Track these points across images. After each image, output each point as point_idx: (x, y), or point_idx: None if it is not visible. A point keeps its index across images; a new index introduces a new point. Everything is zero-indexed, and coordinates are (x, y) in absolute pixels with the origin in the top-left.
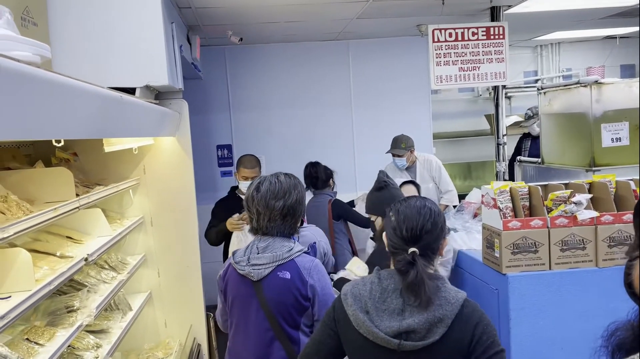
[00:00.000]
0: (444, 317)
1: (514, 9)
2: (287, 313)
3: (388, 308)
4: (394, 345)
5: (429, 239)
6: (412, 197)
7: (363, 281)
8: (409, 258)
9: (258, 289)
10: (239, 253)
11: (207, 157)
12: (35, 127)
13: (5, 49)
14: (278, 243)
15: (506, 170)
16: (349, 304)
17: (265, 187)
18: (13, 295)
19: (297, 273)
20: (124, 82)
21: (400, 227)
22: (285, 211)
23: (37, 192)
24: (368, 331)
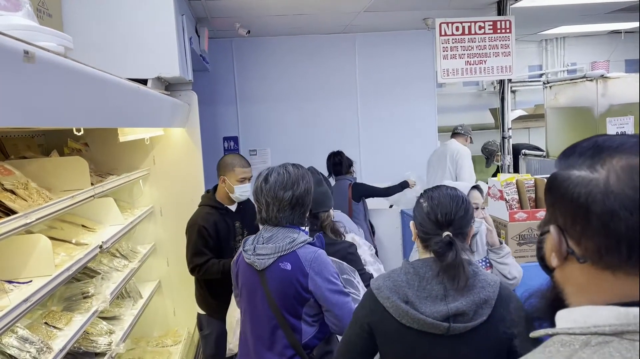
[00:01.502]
0: (488, 298)
1: (520, 3)
2: (289, 304)
3: (430, 295)
4: (444, 329)
5: (461, 223)
6: (441, 186)
7: (395, 273)
8: (446, 240)
9: (262, 278)
10: (249, 240)
11: (213, 148)
12: (61, 115)
13: (31, 39)
14: (282, 233)
15: (510, 163)
16: (385, 296)
17: (273, 178)
18: (34, 280)
19: (298, 265)
20: (136, 73)
21: (435, 212)
22: (294, 201)
23: (54, 181)
24: (413, 319)
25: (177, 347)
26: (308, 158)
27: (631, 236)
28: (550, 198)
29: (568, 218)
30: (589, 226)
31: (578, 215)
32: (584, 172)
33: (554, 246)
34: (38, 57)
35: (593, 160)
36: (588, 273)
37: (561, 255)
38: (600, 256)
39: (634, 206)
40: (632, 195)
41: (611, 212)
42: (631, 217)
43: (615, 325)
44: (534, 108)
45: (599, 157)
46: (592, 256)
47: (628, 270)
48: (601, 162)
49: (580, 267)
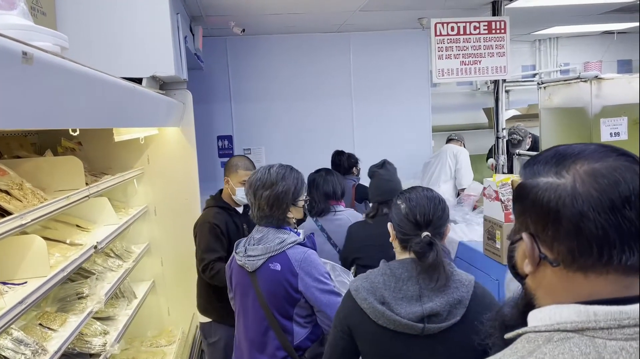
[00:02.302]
0: (462, 299)
1: (514, 3)
2: (280, 304)
3: (405, 296)
4: (418, 329)
5: (439, 223)
6: (417, 187)
7: (373, 275)
8: (426, 240)
9: (253, 279)
10: (241, 243)
11: (207, 147)
12: (59, 117)
13: (28, 39)
14: (272, 234)
15: (505, 163)
16: (362, 298)
17: (256, 177)
18: (29, 281)
19: (287, 265)
20: (130, 72)
21: (414, 212)
22: (272, 201)
23: (48, 180)
24: (389, 320)
25: (171, 347)
26: (302, 156)
27: (601, 235)
28: (520, 207)
29: (539, 224)
30: (560, 230)
31: (549, 219)
32: (551, 179)
33: (527, 252)
34: (36, 58)
35: (558, 167)
36: (560, 276)
37: (534, 261)
38: (572, 258)
39: (601, 207)
40: (598, 196)
41: (580, 214)
42: (599, 217)
43: (576, 322)
44: (527, 108)
45: (563, 164)
46: (565, 258)
47: (600, 270)
48: (566, 168)
49: (552, 271)
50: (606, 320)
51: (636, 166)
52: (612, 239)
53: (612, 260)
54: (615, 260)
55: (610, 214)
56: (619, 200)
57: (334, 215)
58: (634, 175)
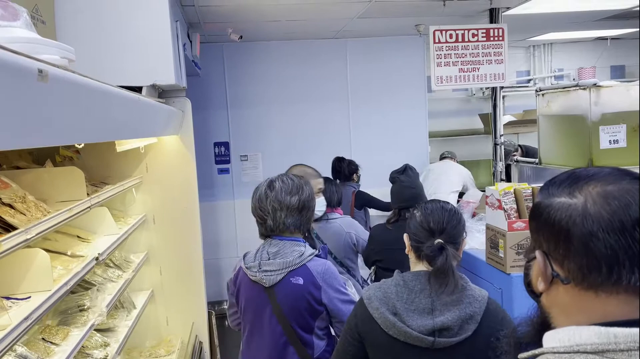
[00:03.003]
0: (474, 314)
1: (512, 10)
2: (302, 318)
3: (417, 308)
4: (428, 343)
5: (453, 232)
6: (435, 199)
7: (386, 284)
8: (438, 246)
9: (271, 295)
10: (249, 257)
11: (204, 154)
12: (69, 132)
13: (35, 52)
14: (288, 247)
15: (503, 169)
16: (374, 307)
17: (278, 185)
18: (32, 295)
19: (310, 278)
20: (131, 80)
21: (427, 220)
22: (301, 205)
23: (49, 191)
24: (399, 331)
25: (170, 357)
26: (299, 162)
27: (610, 255)
28: (534, 225)
29: (551, 242)
30: (570, 248)
31: (560, 238)
32: (564, 199)
33: (540, 270)
34: (51, 74)
35: (571, 188)
36: (572, 295)
37: (547, 278)
38: (582, 275)
39: (610, 228)
40: (608, 217)
41: (590, 233)
42: (609, 237)
43: (597, 344)
44: (522, 113)
45: (576, 184)
46: (575, 276)
47: (610, 289)
48: (579, 189)
49: (564, 289)
50: (626, 342)
51: None
52: (622, 259)
53: (622, 279)
54: (625, 280)
55: (620, 235)
56: (630, 222)
57: (327, 222)
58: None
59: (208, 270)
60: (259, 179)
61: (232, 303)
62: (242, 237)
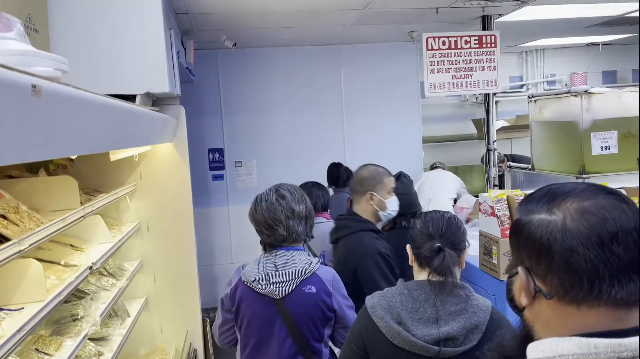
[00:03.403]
0: (478, 324)
1: (504, 17)
2: (314, 327)
3: (422, 318)
4: (434, 352)
5: (453, 238)
6: (435, 210)
7: (390, 293)
8: (436, 248)
9: (281, 306)
10: (252, 271)
11: (198, 160)
12: (63, 145)
13: (29, 65)
14: (297, 257)
15: (496, 175)
16: (379, 316)
17: (287, 194)
18: (25, 306)
19: (321, 286)
20: (124, 89)
21: (427, 226)
22: (307, 214)
23: (43, 200)
24: (405, 340)
25: None
26: (294, 169)
27: (591, 269)
28: (516, 242)
29: (533, 258)
30: (552, 264)
31: (542, 254)
32: (543, 215)
33: (523, 286)
34: (44, 89)
35: (550, 205)
36: (555, 309)
37: (530, 294)
38: (565, 290)
39: (589, 242)
40: (587, 232)
41: (571, 249)
42: (588, 252)
43: (578, 354)
44: (515, 119)
45: (554, 201)
46: (558, 291)
47: (591, 303)
48: (557, 205)
49: (547, 304)
50: (606, 352)
51: (623, 204)
52: (602, 273)
53: (602, 293)
54: (605, 294)
55: (599, 249)
56: (607, 236)
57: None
58: (620, 212)
59: (202, 277)
60: (253, 185)
61: (226, 320)
62: (236, 243)
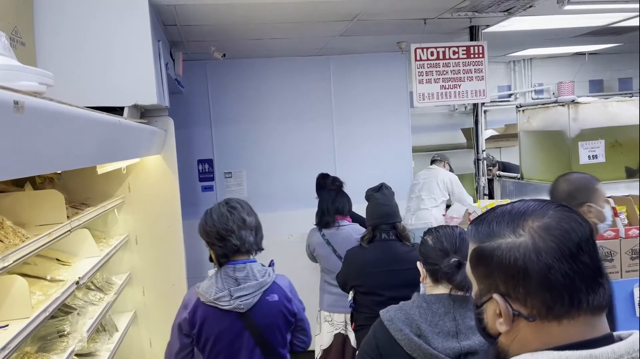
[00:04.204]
0: None
1: (491, 28)
2: (279, 333)
3: (442, 331)
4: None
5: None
6: (443, 225)
7: (407, 306)
8: (455, 263)
9: (247, 319)
10: (211, 289)
11: (188, 171)
12: (47, 161)
13: (13, 79)
14: (255, 269)
15: (485, 184)
16: (397, 329)
17: (236, 205)
18: (10, 323)
19: (282, 293)
20: (112, 101)
21: (441, 241)
22: (256, 224)
23: (28, 215)
24: (425, 353)
25: None
26: (283, 179)
27: (569, 283)
28: (486, 270)
29: (509, 283)
30: (531, 285)
31: (519, 277)
32: (510, 239)
33: (502, 312)
34: (27, 105)
35: (513, 226)
36: (535, 329)
37: (509, 319)
38: (547, 308)
39: (562, 257)
40: (557, 247)
41: (547, 266)
42: (563, 266)
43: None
44: (504, 128)
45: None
46: (540, 311)
47: (572, 315)
48: (521, 226)
49: (527, 325)
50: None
51: (574, 214)
52: (578, 284)
53: (582, 303)
54: (584, 303)
55: (572, 261)
56: (574, 247)
57: (337, 229)
58: (576, 223)
59: None
60: (243, 196)
61: (184, 345)
62: None
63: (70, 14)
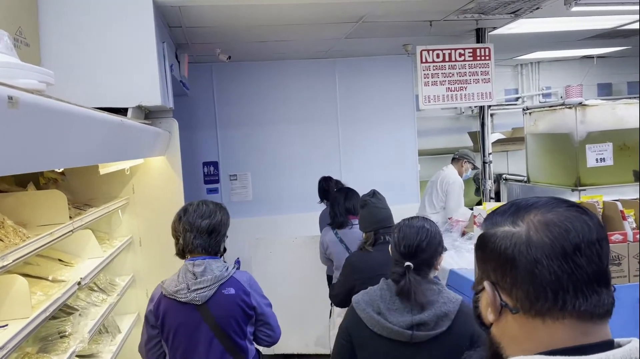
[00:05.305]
0: (448, 312)
1: (498, 30)
2: (237, 326)
3: (398, 308)
4: (407, 336)
5: (424, 256)
6: (415, 217)
7: (372, 290)
8: (401, 271)
9: (204, 311)
10: (171, 284)
11: (193, 174)
12: (44, 158)
13: (12, 77)
14: (214, 264)
15: (492, 187)
16: (361, 309)
17: (192, 209)
18: (9, 323)
19: (240, 287)
20: (116, 102)
21: (400, 243)
22: (211, 228)
23: (30, 215)
24: (383, 327)
25: None
26: (288, 182)
27: (554, 281)
28: (480, 255)
29: (498, 271)
30: (517, 276)
31: (506, 266)
32: (507, 228)
33: (489, 301)
34: (22, 101)
35: (514, 217)
36: (521, 323)
37: (496, 309)
38: (530, 303)
39: (553, 254)
40: (550, 243)
41: (535, 260)
42: (552, 263)
43: None
44: (511, 131)
45: (518, 214)
46: (523, 304)
47: (556, 315)
48: (520, 218)
49: (514, 318)
50: None
51: (585, 216)
52: (565, 285)
53: (567, 305)
54: (569, 305)
55: (562, 261)
56: (570, 247)
57: (351, 228)
58: (583, 224)
59: None
60: (248, 199)
61: (151, 336)
62: (229, 257)
63: (74, 15)
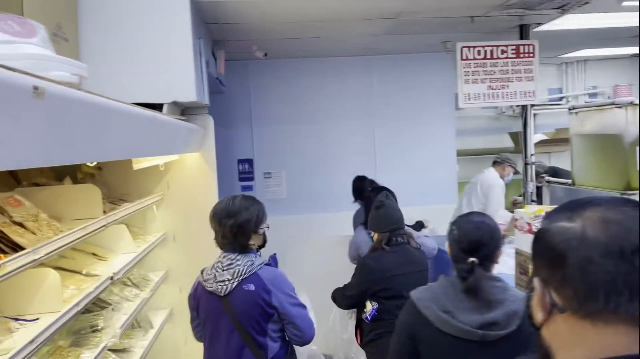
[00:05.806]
0: (517, 310)
1: (543, 26)
2: (255, 322)
3: (466, 307)
4: (478, 336)
5: (486, 251)
6: (471, 213)
7: (433, 287)
8: (467, 267)
9: (226, 303)
10: (207, 271)
11: (227, 171)
12: (74, 152)
13: (44, 69)
14: (241, 259)
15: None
16: (425, 306)
17: (221, 207)
18: (41, 317)
19: (260, 284)
20: (152, 97)
21: (461, 240)
22: (236, 229)
23: (65, 209)
24: (452, 326)
25: None
26: (323, 181)
27: (608, 282)
28: (535, 251)
29: (548, 267)
30: (567, 273)
31: (556, 263)
32: (562, 223)
33: (539, 298)
34: (48, 92)
35: (571, 213)
36: (570, 325)
37: (545, 308)
38: (579, 303)
39: (609, 253)
40: (607, 242)
41: (587, 258)
42: (606, 263)
43: None
44: (554, 132)
45: (576, 210)
46: (572, 304)
47: (607, 319)
48: (578, 213)
49: (562, 319)
50: None
51: None
52: (620, 287)
53: (620, 308)
54: (623, 309)
55: (619, 261)
56: (629, 248)
57: None
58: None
59: None
60: (282, 197)
61: (193, 317)
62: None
63: (111, 11)
